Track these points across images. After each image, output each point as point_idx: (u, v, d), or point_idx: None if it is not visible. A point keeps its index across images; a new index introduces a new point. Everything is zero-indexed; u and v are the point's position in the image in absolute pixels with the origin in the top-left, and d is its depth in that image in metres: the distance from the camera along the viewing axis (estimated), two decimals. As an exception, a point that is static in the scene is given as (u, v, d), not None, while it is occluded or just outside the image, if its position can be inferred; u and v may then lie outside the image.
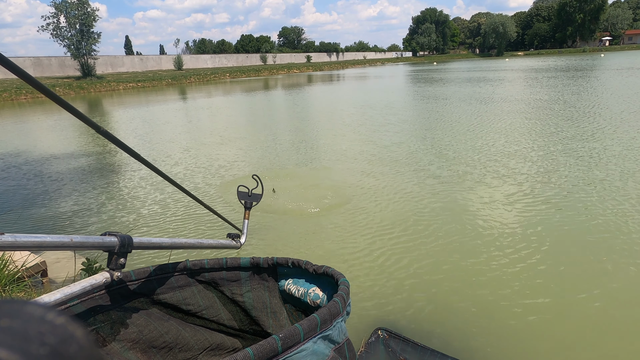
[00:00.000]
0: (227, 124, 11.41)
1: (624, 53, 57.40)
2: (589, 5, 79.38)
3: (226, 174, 6.19)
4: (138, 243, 0.96)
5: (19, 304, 0.21)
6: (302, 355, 0.81)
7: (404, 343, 2.18)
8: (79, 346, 0.20)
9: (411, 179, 5.37)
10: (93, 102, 23.34)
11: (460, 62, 67.35)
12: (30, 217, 4.82)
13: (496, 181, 5.02)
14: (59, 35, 37.15)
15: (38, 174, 6.89)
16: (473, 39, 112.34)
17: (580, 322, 2.43)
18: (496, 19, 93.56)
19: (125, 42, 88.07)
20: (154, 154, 8.03)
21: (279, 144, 8.17)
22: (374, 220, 4.07)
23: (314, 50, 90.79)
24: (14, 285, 2.48)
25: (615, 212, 3.90)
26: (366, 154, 6.86)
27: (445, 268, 3.09)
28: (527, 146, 6.66)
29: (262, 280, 1.28)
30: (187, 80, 40.63)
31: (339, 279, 1.04)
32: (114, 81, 36.24)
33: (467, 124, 9.04)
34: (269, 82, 35.53)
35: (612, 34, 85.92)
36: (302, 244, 3.69)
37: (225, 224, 4.22)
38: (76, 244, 0.81)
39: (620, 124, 7.96)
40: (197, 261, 1.25)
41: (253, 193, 1.50)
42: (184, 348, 1.21)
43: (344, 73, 46.44)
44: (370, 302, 2.72)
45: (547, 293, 2.71)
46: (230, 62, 63.13)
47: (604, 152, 5.99)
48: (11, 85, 30.41)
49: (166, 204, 4.98)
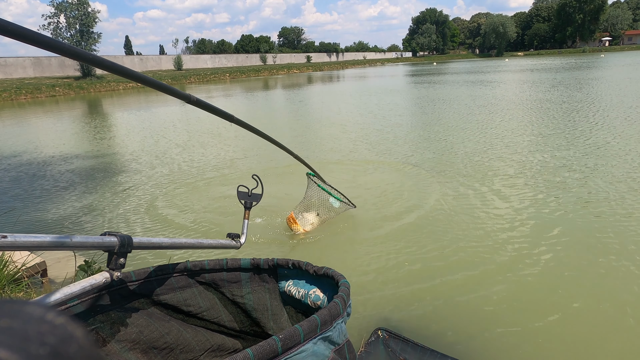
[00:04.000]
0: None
1: (623, 53, 57.45)
2: (588, 5, 79.47)
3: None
4: (138, 243, 0.96)
5: (19, 304, 0.21)
6: (302, 356, 0.81)
7: (404, 343, 2.18)
8: (79, 346, 0.20)
9: (411, 178, 5.37)
10: (93, 102, 23.34)
11: (460, 62, 67.40)
12: (30, 217, 4.82)
13: (503, 181, 5.03)
14: (58, 35, 37.16)
15: (38, 174, 6.89)
16: (473, 39, 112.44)
17: (581, 324, 2.43)
18: (496, 19, 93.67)
19: (125, 42, 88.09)
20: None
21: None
22: (375, 220, 4.07)
23: (313, 51, 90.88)
24: (13, 285, 2.48)
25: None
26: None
27: (446, 268, 3.09)
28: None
29: (263, 281, 1.28)
30: (187, 81, 40.63)
31: (340, 280, 1.04)
32: (113, 81, 36.24)
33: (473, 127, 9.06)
34: (272, 81, 35.54)
35: (611, 34, 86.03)
36: (295, 243, 3.69)
37: (226, 225, 4.23)
38: (76, 244, 0.81)
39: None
40: (198, 262, 1.25)
41: (253, 193, 1.50)
42: (185, 349, 1.21)
43: (344, 73, 46.48)
44: (370, 302, 2.72)
45: (549, 293, 2.71)
46: (230, 62, 63.16)
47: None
48: (11, 85, 30.41)
49: (166, 204, 4.98)
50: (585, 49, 76.62)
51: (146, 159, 7.53)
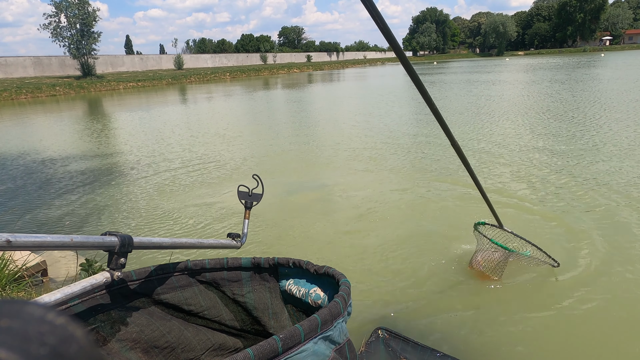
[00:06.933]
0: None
1: (624, 53, 57.37)
2: (589, 4, 79.34)
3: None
4: (138, 243, 0.96)
5: (19, 304, 0.21)
6: (302, 355, 0.81)
7: (404, 343, 2.18)
8: (79, 346, 0.20)
9: (413, 178, 5.37)
10: (93, 102, 23.35)
11: (460, 61, 67.33)
12: (31, 217, 4.82)
13: (512, 182, 5.02)
14: (58, 34, 37.17)
15: (38, 173, 6.90)
16: (473, 38, 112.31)
17: (583, 325, 2.42)
18: (496, 19, 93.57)
19: (126, 42, 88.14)
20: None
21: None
22: (374, 220, 4.07)
23: (314, 50, 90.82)
24: (14, 284, 2.48)
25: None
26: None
27: (446, 267, 3.09)
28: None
29: (264, 280, 1.28)
30: (187, 80, 40.63)
31: (340, 280, 1.04)
32: (114, 81, 36.25)
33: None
34: (272, 80, 35.53)
35: (612, 33, 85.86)
36: (297, 242, 3.69)
37: (227, 225, 4.23)
38: (76, 243, 0.81)
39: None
40: (198, 261, 1.25)
41: (253, 193, 1.50)
42: (186, 348, 1.21)
43: (345, 72, 46.45)
44: (371, 302, 2.72)
45: (550, 294, 2.71)
46: (231, 62, 63.14)
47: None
48: (11, 84, 30.43)
49: (167, 203, 4.98)
50: (585, 48, 76.49)
51: (147, 159, 7.54)
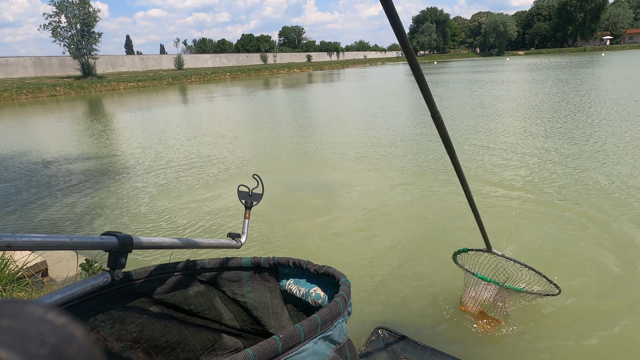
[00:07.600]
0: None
1: (624, 52, 57.31)
2: (589, 4, 79.26)
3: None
4: (138, 243, 0.96)
5: (19, 304, 0.21)
6: (302, 355, 0.80)
7: (405, 342, 2.18)
8: (80, 346, 0.20)
9: (417, 178, 5.37)
10: (94, 102, 23.35)
11: (461, 61, 67.28)
12: (31, 217, 4.83)
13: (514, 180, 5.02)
14: (58, 34, 37.15)
15: (38, 174, 6.90)
16: (474, 38, 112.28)
17: (583, 326, 2.42)
18: (497, 18, 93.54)
19: (126, 42, 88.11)
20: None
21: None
22: (377, 220, 4.07)
23: (314, 50, 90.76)
24: (14, 284, 2.48)
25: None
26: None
27: (449, 268, 3.09)
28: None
29: (264, 280, 1.28)
30: (187, 80, 40.63)
31: (340, 279, 1.04)
32: (114, 81, 36.25)
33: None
34: (272, 80, 35.52)
35: (612, 33, 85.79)
36: (298, 242, 3.69)
37: (227, 225, 4.23)
38: (76, 244, 0.81)
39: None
40: (198, 261, 1.25)
41: (254, 193, 1.50)
42: (186, 348, 1.21)
43: (345, 72, 46.44)
44: (371, 301, 2.72)
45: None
46: (231, 62, 63.13)
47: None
48: (12, 85, 30.44)
49: (167, 203, 4.98)
50: (586, 47, 76.45)
51: (147, 159, 7.54)
